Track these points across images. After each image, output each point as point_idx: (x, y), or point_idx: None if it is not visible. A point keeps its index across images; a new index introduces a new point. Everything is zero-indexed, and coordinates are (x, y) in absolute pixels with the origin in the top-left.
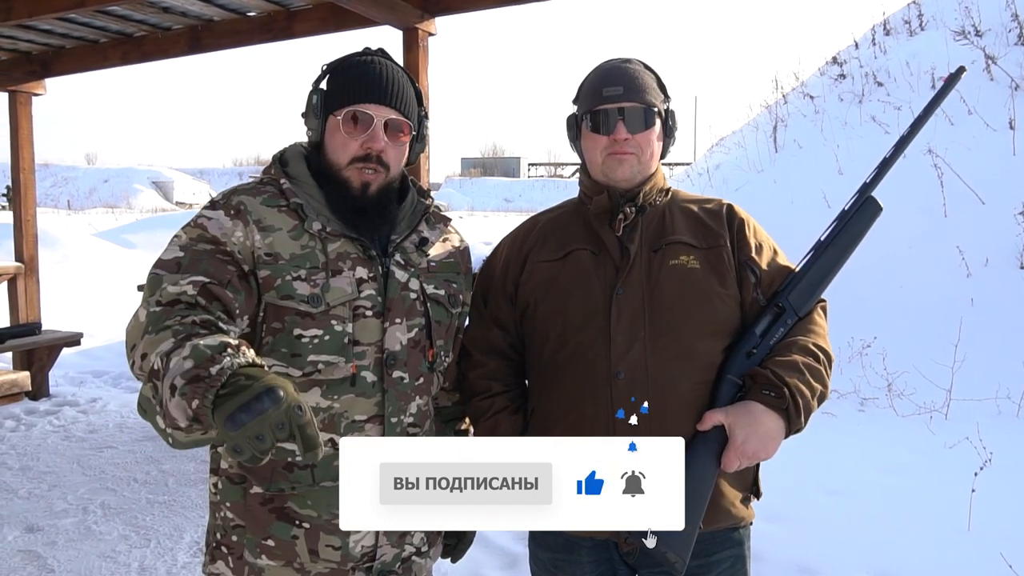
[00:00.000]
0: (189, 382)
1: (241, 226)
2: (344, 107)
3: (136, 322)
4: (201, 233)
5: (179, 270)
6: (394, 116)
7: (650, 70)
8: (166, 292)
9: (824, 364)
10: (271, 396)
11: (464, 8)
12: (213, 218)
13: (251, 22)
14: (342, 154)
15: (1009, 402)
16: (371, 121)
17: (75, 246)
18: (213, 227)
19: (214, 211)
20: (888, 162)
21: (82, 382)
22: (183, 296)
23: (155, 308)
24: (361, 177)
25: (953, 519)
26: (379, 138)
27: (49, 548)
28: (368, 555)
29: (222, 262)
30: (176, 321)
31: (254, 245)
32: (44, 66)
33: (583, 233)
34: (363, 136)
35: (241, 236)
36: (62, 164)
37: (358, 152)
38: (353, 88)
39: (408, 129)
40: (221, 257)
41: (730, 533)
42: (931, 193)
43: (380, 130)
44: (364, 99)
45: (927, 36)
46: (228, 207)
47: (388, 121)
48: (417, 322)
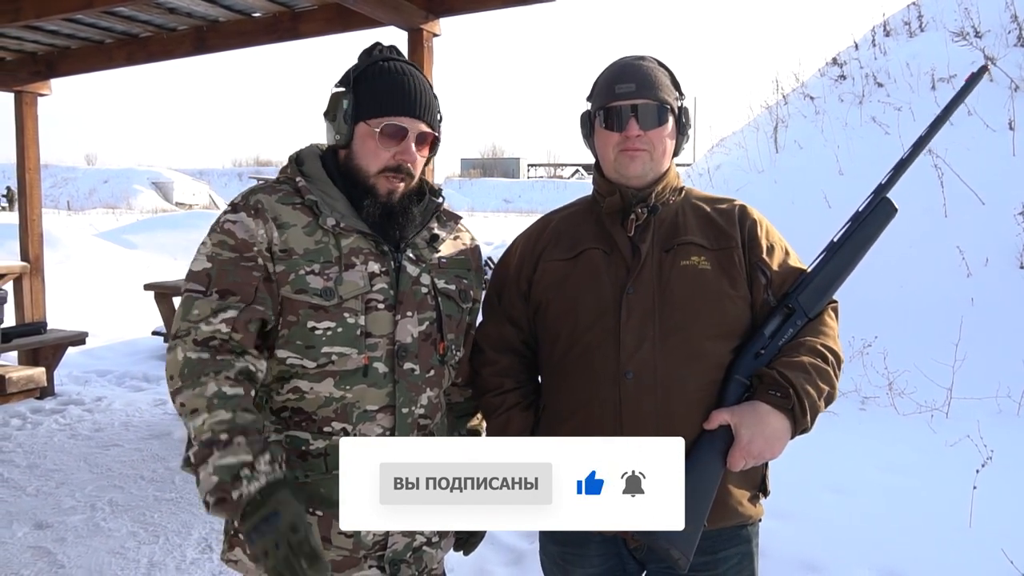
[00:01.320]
0: (216, 503)
1: (262, 224)
2: (378, 117)
3: (174, 359)
4: (224, 239)
5: (209, 284)
6: (425, 129)
7: (664, 67)
8: (201, 331)
9: (832, 365)
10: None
11: (469, 9)
12: (237, 220)
13: (256, 23)
14: (373, 162)
15: (1009, 401)
16: (405, 134)
17: (77, 246)
18: (239, 230)
19: (236, 214)
20: (905, 163)
21: (87, 381)
22: (218, 334)
23: (192, 352)
24: (389, 185)
25: (955, 516)
26: (412, 152)
27: (59, 544)
28: (380, 544)
29: (247, 269)
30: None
31: (272, 242)
32: (49, 66)
33: (595, 232)
34: (396, 148)
35: (263, 234)
36: (62, 165)
37: (390, 163)
38: (388, 99)
39: (434, 140)
40: (245, 264)
41: (738, 530)
42: (931, 193)
43: (412, 144)
44: (399, 112)
45: (927, 37)
46: (248, 208)
47: (419, 134)
48: (428, 316)
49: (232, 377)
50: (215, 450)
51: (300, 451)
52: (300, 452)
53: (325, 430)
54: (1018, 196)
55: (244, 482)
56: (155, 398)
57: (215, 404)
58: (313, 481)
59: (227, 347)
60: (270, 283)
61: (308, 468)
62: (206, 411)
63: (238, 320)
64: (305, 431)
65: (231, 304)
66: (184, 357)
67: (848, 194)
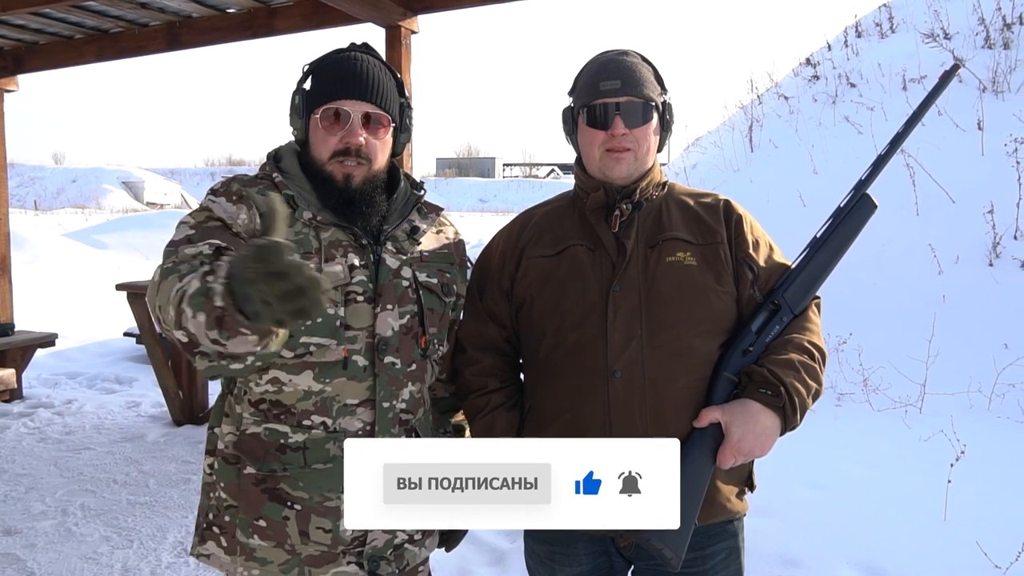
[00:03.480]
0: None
1: (245, 209)
2: (323, 104)
3: (152, 283)
4: (208, 215)
5: (192, 239)
6: (372, 110)
7: (647, 62)
8: (183, 254)
9: (819, 362)
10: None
11: (447, 6)
12: (217, 202)
13: (231, 19)
14: (323, 149)
15: (980, 396)
16: (348, 116)
17: (45, 247)
18: (218, 210)
19: (216, 197)
20: (883, 159)
21: (56, 384)
22: (199, 256)
23: (169, 264)
24: (343, 170)
25: (930, 510)
26: (356, 132)
27: (29, 551)
28: (359, 539)
29: (232, 236)
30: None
31: (255, 229)
32: (16, 62)
33: (579, 228)
34: (341, 131)
35: (245, 219)
36: (28, 164)
37: (338, 147)
38: (331, 85)
39: (387, 122)
40: (230, 234)
41: (725, 526)
42: (904, 192)
43: (357, 124)
44: (341, 95)
45: (898, 39)
46: (229, 193)
47: (366, 115)
48: (409, 309)
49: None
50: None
51: (279, 444)
52: (279, 445)
53: (304, 423)
54: (987, 195)
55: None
56: (127, 400)
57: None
58: (291, 475)
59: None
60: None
61: (287, 462)
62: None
63: (220, 249)
64: (284, 424)
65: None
66: (161, 271)
67: (823, 193)
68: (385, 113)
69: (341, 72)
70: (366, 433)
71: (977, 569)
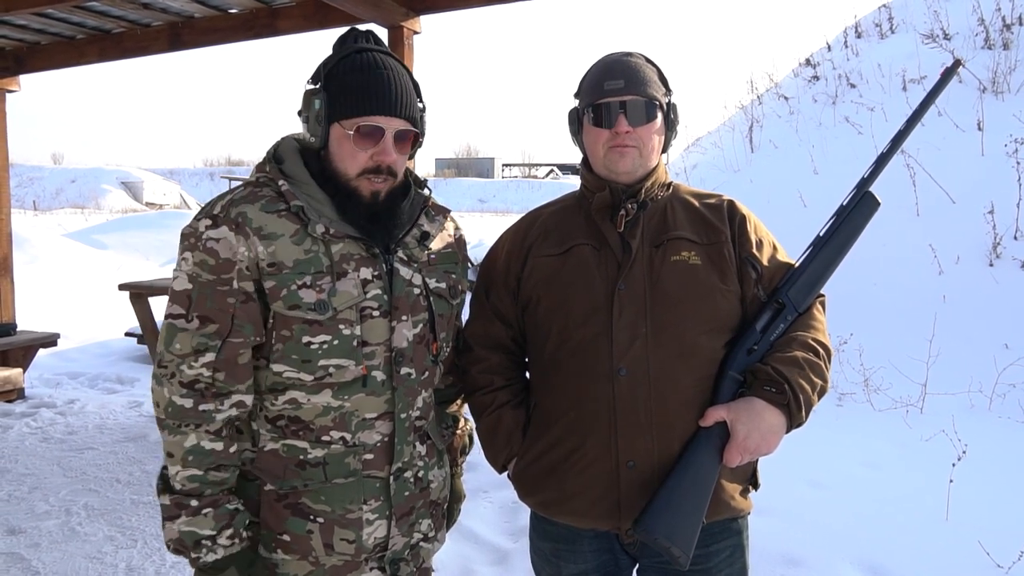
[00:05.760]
0: (175, 551)
1: (243, 240)
2: (352, 118)
3: (161, 394)
4: (205, 259)
5: (189, 308)
6: (403, 126)
7: (651, 63)
8: (185, 374)
9: (824, 359)
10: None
11: (450, 7)
12: (219, 238)
13: (233, 19)
14: (351, 165)
15: (981, 396)
16: (382, 134)
17: (45, 247)
18: (222, 249)
19: (217, 228)
20: (885, 157)
21: (58, 383)
22: (201, 378)
23: (176, 395)
24: (371, 187)
25: (931, 510)
26: (390, 152)
27: (33, 550)
28: (380, 545)
29: (223, 295)
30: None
31: (257, 256)
32: (18, 62)
33: (584, 228)
34: (373, 149)
35: (245, 251)
36: (27, 164)
37: (368, 164)
38: (362, 99)
39: (415, 136)
40: (221, 289)
41: (729, 523)
42: (904, 193)
43: (390, 144)
44: (374, 111)
45: (897, 39)
46: (230, 221)
47: (397, 132)
48: (421, 317)
49: (213, 432)
50: (183, 514)
51: (298, 460)
52: (298, 461)
53: (323, 439)
54: (987, 195)
55: (204, 551)
56: (129, 400)
57: (189, 461)
58: (313, 490)
59: (212, 391)
60: (250, 303)
61: (307, 477)
62: (180, 464)
63: (218, 361)
64: (303, 440)
65: (210, 341)
66: (169, 399)
67: (823, 193)
68: (415, 129)
69: (370, 84)
70: (384, 445)
71: (979, 569)
